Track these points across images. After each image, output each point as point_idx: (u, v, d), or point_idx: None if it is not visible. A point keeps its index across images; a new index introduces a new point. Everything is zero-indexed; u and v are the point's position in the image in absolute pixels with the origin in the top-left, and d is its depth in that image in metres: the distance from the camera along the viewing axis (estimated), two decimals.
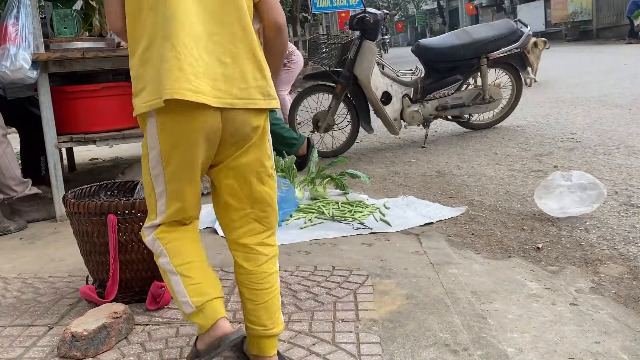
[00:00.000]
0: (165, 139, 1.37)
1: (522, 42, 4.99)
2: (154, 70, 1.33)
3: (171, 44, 1.30)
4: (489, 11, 32.64)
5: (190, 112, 1.32)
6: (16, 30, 2.86)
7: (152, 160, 1.41)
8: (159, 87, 1.30)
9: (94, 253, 1.91)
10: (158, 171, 1.41)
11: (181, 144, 1.36)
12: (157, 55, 1.32)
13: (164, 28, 1.32)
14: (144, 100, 1.35)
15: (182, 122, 1.33)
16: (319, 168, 3.39)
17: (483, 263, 2.25)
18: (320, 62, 4.87)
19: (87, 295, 1.90)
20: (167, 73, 1.29)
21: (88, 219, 1.86)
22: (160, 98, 1.30)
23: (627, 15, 15.52)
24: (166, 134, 1.36)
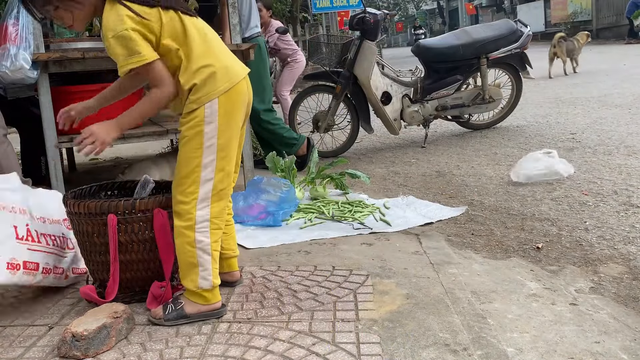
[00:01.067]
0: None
1: (522, 42, 4.99)
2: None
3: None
4: (488, 11, 32.67)
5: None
6: (16, 30, 2.86)
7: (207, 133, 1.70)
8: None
9: (94, 253, 1.91)
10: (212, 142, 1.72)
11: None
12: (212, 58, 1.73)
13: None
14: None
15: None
16: (319, 168, 3.39)
17: (483, 263, 2.25)
18: (320, 62, 4.87)
19: (87, 295, 1.90)
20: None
21: (88, 219, 1.86)
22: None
23: (626, 15, 15.52)
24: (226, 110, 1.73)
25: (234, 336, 1.66)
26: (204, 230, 1.72)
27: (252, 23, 4.15)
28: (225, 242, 1.99)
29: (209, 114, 1.70)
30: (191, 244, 1.71)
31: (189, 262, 1.73)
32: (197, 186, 1.71)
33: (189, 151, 1.71)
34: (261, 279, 2.09)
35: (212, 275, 1.75)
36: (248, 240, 2.57)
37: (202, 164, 1.71)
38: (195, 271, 1.73)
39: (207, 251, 1.73)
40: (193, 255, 1.72)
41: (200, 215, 1.71)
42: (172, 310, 1.74)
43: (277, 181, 2.95)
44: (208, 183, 1.72)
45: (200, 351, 1.58)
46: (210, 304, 1.76)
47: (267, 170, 3.53)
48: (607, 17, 19.12)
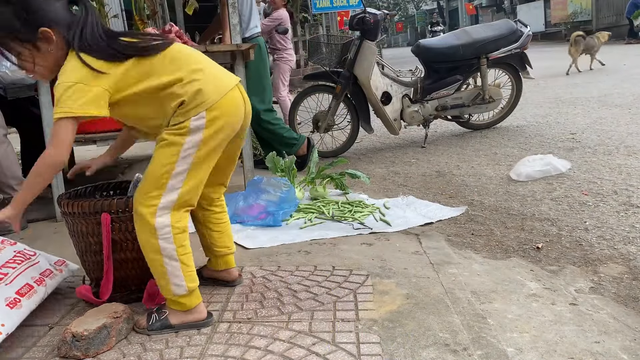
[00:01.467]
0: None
1: (522, 42, 4.99)
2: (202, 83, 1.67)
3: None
4: (488, 11, 32.67)
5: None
6: None
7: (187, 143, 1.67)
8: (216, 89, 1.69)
9: (89, 253, 1.91)
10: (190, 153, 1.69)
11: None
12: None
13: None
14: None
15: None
16: (319, 168, 3.39)
17: (483, 263, 2.25)
18: (320, 62, 4.87)
19: (83, 295, 1.90)
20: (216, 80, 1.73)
21: (82, 219, 1.86)
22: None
23: (626, 15, 15.53)
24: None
25: (234, 336, 1.66)
26: (166, 237, 1.65)
27: (252, 23, 4.15)
28: (219, 240, 1.99)
29: (195, 127, 1.64)
30: (156, 251, 1.66)
31: (159, 270, 1.69)
32: (160, 192, 1.64)
33: (163, 156, 1.65)
34: (261, 279, 2.09)
35: (186, 280, 1.69)
36: (248, 240, 2.57)
37: (173, 172, 1.64)
38: (167, 279, 1.68)
39: (174, 257, 1.67)
40: (160, 263, 1.67)
41: (160, 222, 1.64)
42: (156, 320, 1.71)
43: (277, 181, 2.95)
44: (174, 192, 1.65)
45: (200, 351, 1.58)
46: (192, 312, 1.72)
47: (267, 170, 3.53)
48: (607, 17, 19.12)
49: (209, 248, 2.03)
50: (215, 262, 2.04)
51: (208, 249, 2.04)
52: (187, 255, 1.71)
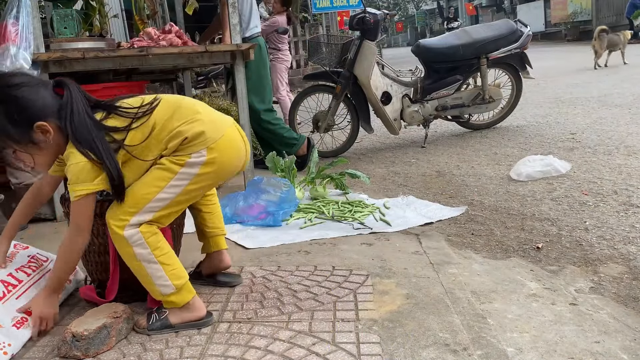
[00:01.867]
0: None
1: (522, 42, 4.99)
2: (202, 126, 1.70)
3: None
4: (488, 11, 32.68)
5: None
6: (16, 30, 2.86)
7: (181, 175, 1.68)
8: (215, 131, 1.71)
9: (92, 253, 1.91)
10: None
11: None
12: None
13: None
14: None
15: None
16: (319, 168, 3.39)
17: (483, 263, 2.25)
18: (320, 62, 4.87)
19: (87, 295, 1.90)
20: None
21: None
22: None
23: (626, 15, 15.53)
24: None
25: (234, 336, 1.66)
26: (139, 243, 1.66)
27: (252, 23, 4.15)
28: (209, 220, 2.01)
29: (195, 161, 1.67)
30: (134, 258, 1.67)
31: (142, 275, 1.70)
32: (136, 211, 1.65)
33: (151, 179, 1.66)
34: (261, 279, 2.09)
35: (170, 278, 1.69)
36: (248, 240, 2.57)
37: (156, 197, 1.65)
38: (151, 282, 1.69)
39: (152, 260, 1.67)
40: (141, 268, 1.68)
41: (130, 233, 1.64)
42: (156, 319, 1.72)
43: (277, 181, 2.95)
44: (148, 214, 1.66)
45: (200, 351, 1.58)
46: (189, 308, 1.72)
47: (267, 170, 3.53)
48: (607, 17, 19.12)
49: (200, 230, 2.05)
50: (207, 245, 2.06)
51: (200, 231, 2.05)
52: (166, 254, 1.70)
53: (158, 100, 1.73)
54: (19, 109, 1.58)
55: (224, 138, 1.72)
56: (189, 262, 2.30)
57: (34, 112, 1.59)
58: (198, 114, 1.71)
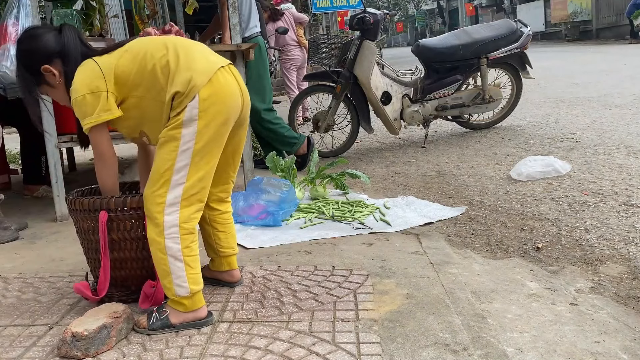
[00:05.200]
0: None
1: (522, 42, 4.99)
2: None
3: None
4: (488, 11, 32.68)
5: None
6: (16, 30, 2.86)
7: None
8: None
9: (91, 250, 1.92)
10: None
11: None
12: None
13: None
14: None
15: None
16: (319, 168, 3.39)
17: (483, 263, 2.25)
18: (320, 62, 4.88)
19: (79, 291, 1.89)
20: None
21: (84, 216, 1.87)
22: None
23: (626, 15, 15.53)
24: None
25: (234, 336, 1.66)
26: (173, 237, 1.67)
27: (251, 23, 4.15)
28: (224, 240, 2.00)
29: (189, 116, 1.66)
30: (162, 250, 1.68)
31: (163, 269, 1.70)
32: (166, 189, 1.66)
33: (163, 153, 1.68)
34: (261, 279, 2.09)
35: (189, 281, 1.69)
36: (248, 240, 2.57)
37: (175, 167, 1.66)
38: (169, 279, 1.69)
39: (179, 258, 1.68)
40: (165, 262, 1.68)
41: (169, 221, 1.66)
42: (156, 319, 1.72)
43: (277, 181, 2.95)
44: (178, 187, 1.67)
45: (200, 351, 1.58)
46: (192, 312, 1.72)
47: (267, 170, 3.53)
48: (607, 17, 19.13)
49: (212, 248, 2.02)
50: (218, 263, 2.04)
51: (212, 248, 2.03)
52: (193, 257, 1.71)
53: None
54: (28, 59, 1.81)
55: (215, 80, 1.70)
56: None
57: (39, 58, 1.79)
58: (189, 64, 1.71)
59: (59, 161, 3.15)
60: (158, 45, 1.75)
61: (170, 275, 1.68)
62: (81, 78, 1.72)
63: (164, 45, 1.74)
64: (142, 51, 1.74)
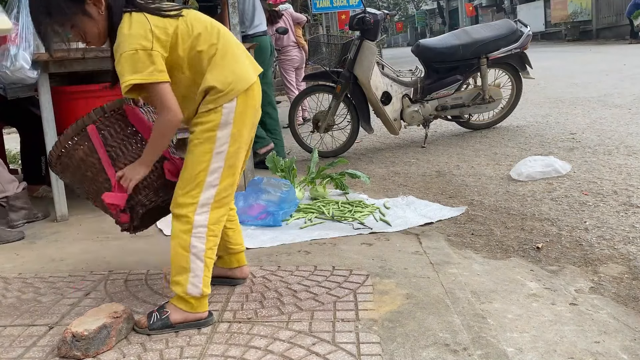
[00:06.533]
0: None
1: (522, 42, 4.99)
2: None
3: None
4: (488, 11, 32.68)
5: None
6: (16, 30, 2.86)
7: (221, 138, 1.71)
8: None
9: (87, 182, 1.85)
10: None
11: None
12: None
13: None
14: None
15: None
16: (319, 168, 3.39)
17: (483, 263, 2.26)
18: (320, 62, 4.88)
19: (111, 204, 1.79)
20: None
21: (73, 146, 1.81)
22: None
23: (626, 15, 15.53)
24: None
25: (234, 336, 1.66)
26: (200, 236, 1.70)
27: (256, 21, 4.16)
28: (233, 237, 2.02)
29: (225, 119, 1.68)
30: (185, 248, 1.70)
31: (181, 266, 1.71)
32: (200, 190, 1.69)
33: (198, 154, 1.70)
34: (261, 279, 2.09)
35: (203, 283, 1.71)
36: (248, 240, 2.57)
37: (210, 169, 1.69)
38: (186, 276, 1.70)
39: (201, 257, 1.71)
40: (186, 259, 1.70)
41: (199, 220, 1.69)
42: (157, 319, 1.72)
43: (277, 181, 2.95)
44: (212, 189, 1.71)
45: (200, 351, 1.58)
46: (196, 313, 1.73)
47: (267, 170, 3.53)
48: (607, 17, 19.13)
49: (222, 246, 1.99)
50: (228, 260, 2.04)
51: (221, 247, 1.98)
52: (212, 260, 1.75)
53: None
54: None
55: (249, 90, 1.74)
56: None
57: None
58: (232, 62, 1.73)
59: None
60: (212, 31, 1.73)
61: (188, 272, 1.70)
62: (135, 32, 1.60)
63: (217, 33, 1.74)
64: (197, 30, 1.70)
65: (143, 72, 1.59)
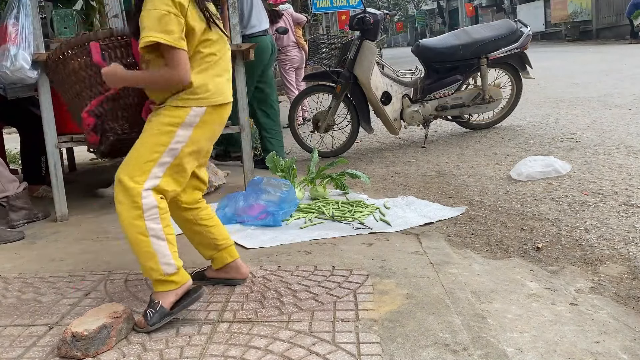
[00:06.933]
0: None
1: (522, 42, 4.99)
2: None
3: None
4: (488, 11, 32.66)
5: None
6: (16, 30, 2.86)
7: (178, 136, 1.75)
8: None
9: (79, 97, 1.92)
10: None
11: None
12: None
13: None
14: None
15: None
16: (319, 168, 3.39)
17: (483, 263, 2.25)
18: (320, 62, 4.88)
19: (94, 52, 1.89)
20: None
21: (71, 56, 1.87)
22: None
23: (626, 15, 15.53)
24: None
25: (234, 336, 1.66)
26: (154, 217, 1.71)
27: (252, 22, 4.15)
28: (217, 232, 2.02)
29: (190, 120, 1.73)
30: (143, 233, 1.70)
31: (146, 252, 1.71)
32: (145, 177, 1.72)
33: (152, 144, 1.74)
34: (261, 279, 2.09)
35: (173, 257, 1.74)
36: (248, 240, 2.57)
37: (159, 161, 1.73)
38: (155, 260, 1.71)
39: (161, 237, 1.72)
40: (147, 244, 1.71)
41: (147, 203, 1.70)
42: (152, 314, 1.72)
43: (277, 181, 2.95)
44: (156, 179, 1.74)
45: (200, 351, 1.58)
46: (182, 285, 1.75)
47: (267, 170, 3.53)
48: (607, 17, 19.13)
49: (210, 245, 2.02)
50: (220, 258, 2.03)
51: (209, 247, 2.03)
52: (172, 235, 1.77)
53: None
54: None
55: (222, 107, 1.82)
56: (189, 263, 2.30)
57: None
58: (219, 68, 1.81)
59: (59, 161, 3.15)
60: (220, 42, 1.83)
61: (155, 256, 1.71)
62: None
63: (223, 47, 1.85)
64: (210, 35, 1.78)
65: (170, 35, 1.66)
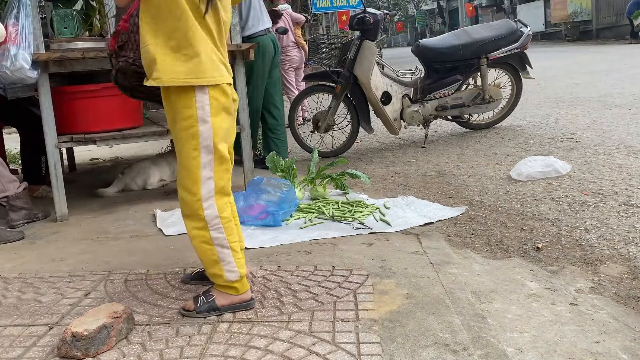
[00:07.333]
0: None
1: (522, 42, 4.99)
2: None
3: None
4: (488, 11, 32.66)
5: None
6: (16, 30, 2.86)
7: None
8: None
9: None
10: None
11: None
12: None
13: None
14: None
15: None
16: (319, 168, 3.39)
17: (483, 263, 2.25)
18: (320, 62, 4.89)
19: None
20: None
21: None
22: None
23: (626, 15, 15.53)
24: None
25: (234, 336, 1.66)
26: (217, 227, 1.76)
27: (250, 23, 4.15)
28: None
29: (202, 113, 1.71)
30: (208, 242, 1.77)
31: (211, 259, 1.78)
32: (199, 186, 1.74)
33: (187, 152, 1.74)
34: (261, 279, 2.09)
35: (237, 265, 1.79)
36: (248, 240, 2.57)
37: (201, 164, 1.74)
38: (219, 267, 1.78)
39: (225, 245, 1.77)
40: (213, 252, 1.77)
41: (209, 214, 1.75)
42: (203, 302, 1.79)
43: (277, 181, 2.95)
44: (209, 182, 1.75)
45: (200, 351, 1.58)
46: (241, 294, 1.81)
47: (267, 170, 3.53)
48: (607, 17, 19.13)
49: None
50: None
51: None
52: (236, 242, 1.82)
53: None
54: None
55: (227, 87, 1.78)
56: (189, 263, 2.31)
57: None
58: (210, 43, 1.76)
59: (59, 161, 3.15)
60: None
61: (219, 263, 1.78)
62: None
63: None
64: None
65: None
